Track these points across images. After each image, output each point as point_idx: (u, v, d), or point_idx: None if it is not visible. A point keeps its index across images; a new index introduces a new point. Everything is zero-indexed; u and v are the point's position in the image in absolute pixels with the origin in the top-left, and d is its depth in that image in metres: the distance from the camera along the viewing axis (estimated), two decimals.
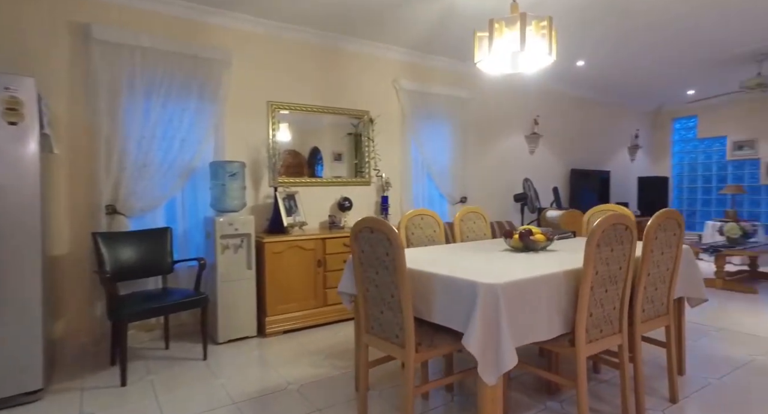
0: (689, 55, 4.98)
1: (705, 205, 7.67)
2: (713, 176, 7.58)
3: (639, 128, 7.70)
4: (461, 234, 3.16)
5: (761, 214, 7.00)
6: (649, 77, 5.94)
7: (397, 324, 1.92)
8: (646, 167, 8.00)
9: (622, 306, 2.01)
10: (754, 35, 4.39)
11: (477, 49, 2.68)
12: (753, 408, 2.25)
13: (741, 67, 5.34)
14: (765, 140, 6.89)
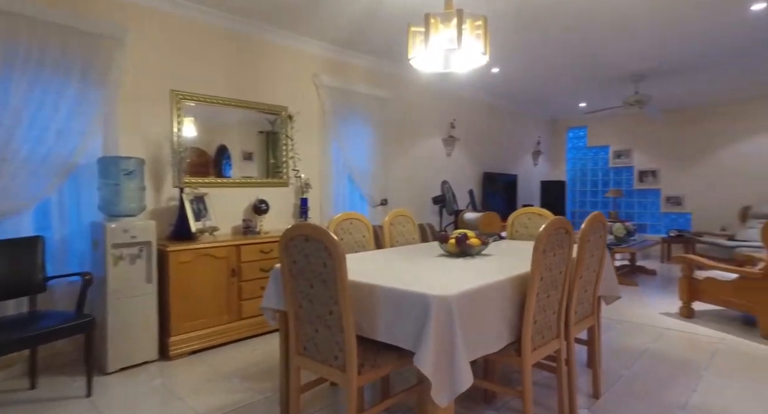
0: (584, 72, 5.44)
1: (593, 206, 8.52)
2: (599, 181, 8.45)
3: (540, 135, 8.31)
4: (391, 238, 3.02)
5: (635, 215, 7.95)
6: (551, 89, 6.40)
7: (336, 344, 1.70)
8: (546, 172, 8.66)
9: (560, 310, 2.02)
10: (633, 59, 4.92)
11: (411, 45, 2.55)
12: (662, 392, 2.42)
13: (622, 86, 5.96)
14: (637, 150, 7.85)
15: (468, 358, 1.53)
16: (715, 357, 2.99)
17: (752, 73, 5.64)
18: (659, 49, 4.68)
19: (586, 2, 3.51)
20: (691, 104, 7.16)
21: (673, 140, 7.45)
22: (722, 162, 6.98)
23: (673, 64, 5.15)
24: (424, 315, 1.53)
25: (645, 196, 7.87)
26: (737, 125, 6.80)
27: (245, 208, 3.85)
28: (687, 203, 7.34)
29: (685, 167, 7.36)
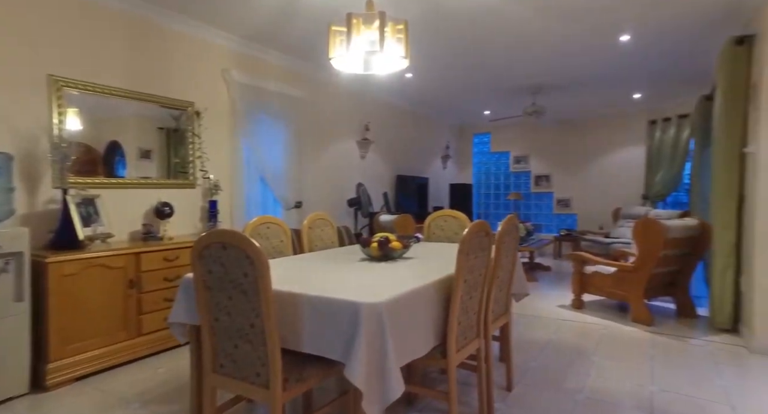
0: (489, 83, 5.82)
1: (496, 208, 9.15)
2: (501, 184, 9.10)
3: (449, 140, 8.72)
4: (310, 243, 2.92)
5: (532, 216, 8.70)
6: (460, 97, 6.74)
7: (258, 359, 1.58)
8: (455, 175, 9.10)
9: (480, 310, 2.10)
10: (531, 73, 5.38)
11: (332, 45, 2.49)
12: (564, 379, 2.65)
13: (521, 97, 6.49)
14: (534, 157, 8.61)
15: (399, 365, 1.51)
16: (601, 342, 3.35)
17: (622, 93, 6.48)
18: (552, 66, 5.16)
19: (492, 19, 3.74)
20: (577, 117, 8.02)
21: (562, 148, 8.29)
22: (600, 168, 7.92)
23: (563, 80, 5.72)
24: (354, 323, 1.48)
25: (540, 199, 8.64)
26: (611, 137, 7.77)
27: (145, 212, 3.47)
28: (574, 205, 8.20)
29: (572, 172, 8.22)
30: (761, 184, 3.14)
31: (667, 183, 7.03)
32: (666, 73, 5.45)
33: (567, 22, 3.87)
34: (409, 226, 5.10)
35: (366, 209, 5.79)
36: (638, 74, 5.51)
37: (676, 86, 6.07)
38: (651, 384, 2.63)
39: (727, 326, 3.59)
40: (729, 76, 3.54)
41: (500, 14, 3.67)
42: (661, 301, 4.49)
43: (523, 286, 2.84)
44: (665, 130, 7.02)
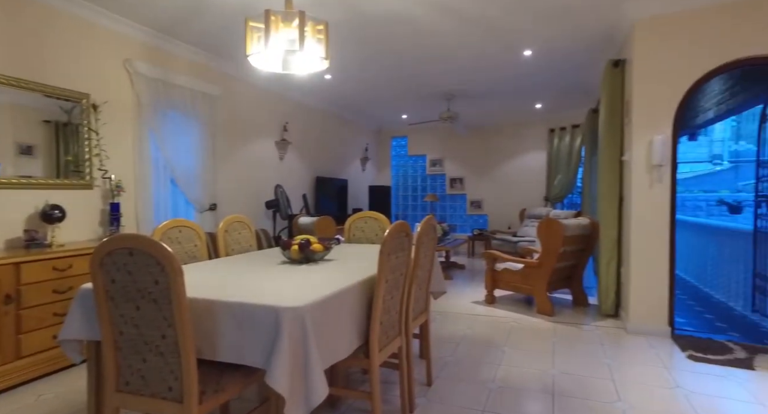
0: (406, 88, 6.01)
1: (414, 210, 9.44)
2: (418, 186, 9.41)
3: (368, 143, 8.82)
4: (226, 247, 2.79)
5: (447, 217, 9.12)
6: (378, 100, 6.86)
7: (170, 372, 1.48)
8: (374, 177, 9.23)
9: (401, 309, 2.16)
10: (447, 81, 5.67)
11: (249, 41, 2.41)
12: (478, 370, 2.81)
13: (437, 102, 6.79)
14: (449, 160, 9.03)
15: (322, 368, 1.50)
16: (511, 334, 3.62)
17: (526, 103, 7.06)
18: (466, 76, 5.47)
19: (410, 29, 3.87)
20: (487, 123, 8.57)
21: (474, 152, 8.80)
22: (508, 172, 8.54)
23: (475, 88, 6.08)
24: (275, 329, 1.44)
25: (455, 200, 9.08)
26: (517, 143, 8.41)
27: (29, 216, 3.05)
28: (485, 206, 8.74)
29: (484, 176, 8.76)
30: (634, 188, 3.60)
31: (564, 186, 7.78)
32: (562, 86, 6.04)
33: (480, 36, 4.12)
34: (329, 228, 5.08)
35: (285, 211, 5.66)
36: (539, 87, 6.04)
37: (571, 99, 6.75)
38: (552, 368, 2.90)
39: (612, 312, 4.07)
40: (609, 94, 4.02)
41: (418, 24, 3.81)
42: (561, 293, 4.96)
43: (441, 284, 2.96)
44: (562, 138, 7.77)
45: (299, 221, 5.33)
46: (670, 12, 3.43)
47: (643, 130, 3.55)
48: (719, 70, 3.38)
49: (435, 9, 3.53)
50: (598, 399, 2.46)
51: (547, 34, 4.09)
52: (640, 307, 3.59)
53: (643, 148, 3.55)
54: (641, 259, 3.58)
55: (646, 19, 3.50)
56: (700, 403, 2.41)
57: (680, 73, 3.43)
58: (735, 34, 3.28)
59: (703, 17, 3.35)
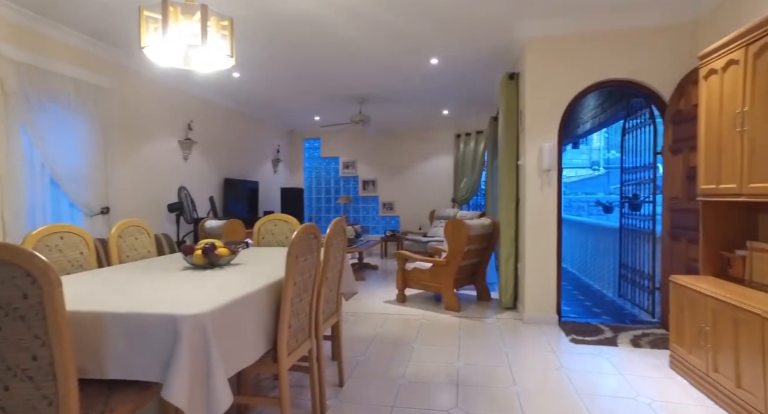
0: (318, 89, 5.99)
1: (327, 212, 9.41)
2: (332, 188, 9.40)
3: (280, 144, 8.61)
4: (120, 254, 2.55)
5: (360, 218, 9.24)
6: (289, 101, 6.74)
7: (42, 398, 1.31)
8: (287, 179, 9.03)
9: (311, 312, 2.14)
10: (358, 84, 5.76)
11: (144, 31, 2.23)
12: (389, 368, 2.89)
13: (349, 105, 6.85)
14: (362, 162, 9.15)
15: (226, 376, 1.44)
16: (420, 331, 3.77)
17: (434, 109, 7.41)
18: (376, 80, 5.60)
19: (321, 31, 3.87)
20: (398, 127, 8.83)
21: (386, 155, 9.01)
22: (418, 175, 8.88)
23: (386, 92, 6.24)
24: (173, 339, 1.36)
25: (367, 202, 9.21)
26: (427, 147, 8.78)
27: None
28: (397, 208, 8.99)
29: (395, 178, 9.01)
30: (528, 190, 3.97)
31: (470, 188, 8.28)
32: (466, 95, 6.44)
33: (390, 42, 4.25)
34: (238, 231, 4.87)
35: (189, 215, 5.31)
36: (446, 94, 6.37)
37: (475, 107, 7.22)
38: (458, 360, 3.07)
39: (510, 305, 4.42)
40: (506, 103, 4.39)
41: (328, 26, 3.82)
42: (467, 289, 5.27)
43: (352, 285, 3.00)
44: (467, 143, 8.27)
45: (206, 225, 5.04)
46: (553, 35, 3.83)
47: (534, 137, 3.92)
48: (591, 88, 3.86)
49: (344, 13, 3.57)
50: (496, 385, 2.67)
51: (452, 44, 4.34)
52: (534, 299, 3.95)
53: (535, 154, 3.92)
54: (534, 255, 3.95)
55: (535, 39, 3.88)
56: (577, 379, 2.73)
57: (563, 88, 3.85)
58: (601, 59, 3.77)
59: (579, 43, 3.79)
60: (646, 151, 4.18)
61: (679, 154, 3.50)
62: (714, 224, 2.78)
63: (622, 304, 4.78)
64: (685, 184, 3.39)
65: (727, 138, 2.50)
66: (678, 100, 3.52)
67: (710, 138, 2.69)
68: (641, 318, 4.13)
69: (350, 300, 4.78)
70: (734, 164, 2.44)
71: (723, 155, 2.55)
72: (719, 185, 2.58)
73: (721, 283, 2.56)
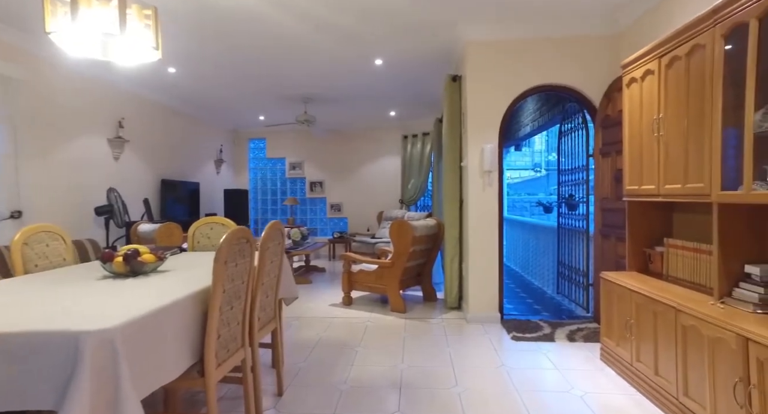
0: (261, 88, 5.81)
1: (273, 214, 9.16)
2: (278, 190, 9.17)
3: (223, 144, 8.27)
4: (25, 263, 2.30)
5: (308, 220, 9.07)
6: (231, 99, 6.49)
7: None
8: (230, 180, 8.68)
9: (244, 320, 2.03)
10: (302, 83, 5.65)
11: (49, 15, 2.02)
12: (331, 374, 2.82)
13: (294, 105, 6.70)
14: (309, 163, 9.00)
15: (140, 397, 1.32)
16: (365, 334, 3.73)
17: (381, 110, 7.42)
18: (321, 79, 5.50)
19: (261, 27, 3.73)
20: (345, 127, 8.76)
21: (333, 156, 8.91)
22: (366, 176, 8.85)
23: (331, 92, 6.16)
24: (73, 358, 1.21)
25: (315, 204, 9.06)
26: (374, 148, 8.78)
27: None
28: (345, 209, 8.91)
29: (343, 179, 8.92)
30: (470, 191, 4.04)
31: (417, 189, 8.36)
32: (412, 96, 6.48)
33: (335, 42, 4.18)
34: (174, 235, 4.59)
35: (120, 218, 4.96)
36: (392, 95, 6.38)
37: (421, 108, 7.29)
38: (401, 362, 3.06)
39: (455, 304, 4.48)
40: (449, 105, 4.45)
41: (271, 24, 3.69)
42: (414, 290, 5.29)
43: (292, 290, 2.90)
44: (414, 144, 8.35)
45: (139, 229, 4.72)
46: (493, 39, 3.93)
47: (476, 139, 3.99)
48: (529, 92, 3.99)
49: (288, 11, 3.46)
50: (439, 386, 2.67)
51: (395, 46, 4.34)
52: (477, 299, 4.02)
53: (477, 155, 3.99)
54: (476, 255, 4.02)
55: (476, 43, 3.96)
56: (517, 376, 2.79)
57: (503, 91, 3.96)
58: (538, 64, 3.91)
59: (518, 48, 3.92)
60: (580, 153, 4.39)
61: (608, 157, 3.69)
62: (638, 223, 2.94)
63: (560, 300, 4.99)
64: (614, 185, 3.58)
65: (647, 142, 2.66)
66: (606, 106, 3.72)
67: (633, 142, 2.84)
68: (577, 313, 4.33)
69: (295, 304, 4.65)
70: (653, 167, 2.59)
71: (644, 158, 2.71)
72: (641, 186, 2.74)
73: (644, 279, 2.72)
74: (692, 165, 2.24)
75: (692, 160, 2.24)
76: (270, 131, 8.74)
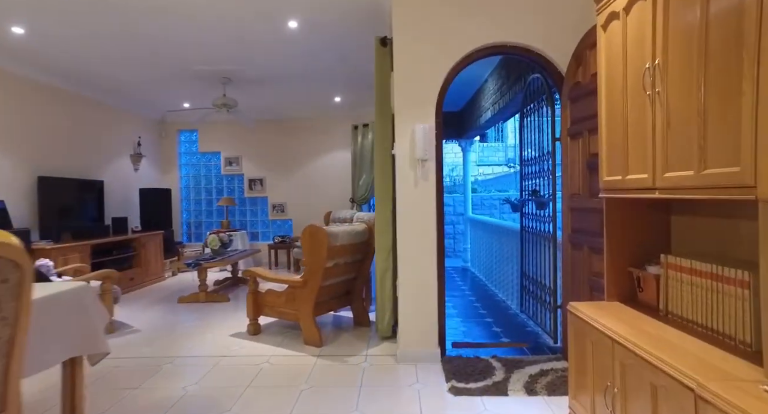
0: (159, 64, 4.69)
1: (208, 216, 8.01)
2: (213, 189, 8.02)
3: (141, 135, 7.08)
4: None
5: (247, 223, 7.96)
6: (139, 81, 5.36)
7: None
8: (155, 178, 7.50)
9: None
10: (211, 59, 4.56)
11: None
12: None
13: (214, 87, 5.56)
14: (247, 158, 7.88)
15: None
16: (253, 383, 2.70)
17: (323, 95, 6.35)
18: (231, 53, 4.43)
19: None
20: (285, 116, 7.65)
21: (275, 150, 7.80)
22: (312, 172, 7.78)
23: (252, 71, 5.09)
24: None
25: (255, 204, 7.95)
26: (321, 140, 7.70)
27: None
28: (289, 210, 7.84)
29: (287, 176, 7.84)
30: (400, 187, 3.05)
31: (368, 186, 7.33)
32: (352, 76, 5.46)
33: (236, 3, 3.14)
34: None
35: None
36: (325, 74, 5.34)
37: (370, 92, 6.26)
38: None
39: (389, 333, 3.48)
40: (379, 77, 3.45)
41: None
42: (346, 310, 4.27)
43: (96, 344, 1.85)
44: (365, 135, 7.32)
45: None
46: None
47: (406, 118, 3.00)
48: (475, 55, 3.02)
49: None
50: None
51: (307, 3, 3.32)
52: (411, 330, 3.04)
53: (407, 139, 3.00)
54: (409, 271, 3.04)
55: None
56: None
57: (441, 55, 2.98)
58: (486, 19, 2.95)
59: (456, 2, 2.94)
60: (545, 138, 3.45)
61: (578, 138, 2.75)
62: (620, 230, 1.99)
63: (525, 320, 4.07)
64: (586, 176, 2.64)
65: (635, 106, 1.70)
66: (575, 70, 2.77)
67: (613, 109, 1.89)
68: (543, 341, 3.40)
69: (182, 338, 3.60)
70: (644, 145, 1.64)
71: (630, 133, 1.75)
72: (626, 176, 1.78)
73: (631, 317, 1.77)
74: (716, 138, 1.29)
75: (716, 130, 1.29)
76: (202, 122, 7.55)
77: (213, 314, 4.32)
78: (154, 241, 6.19)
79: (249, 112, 6.83)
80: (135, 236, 5.81)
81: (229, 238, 5.39)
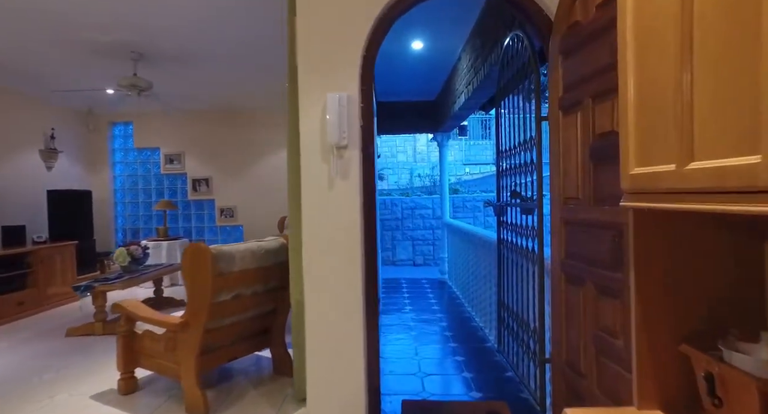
0: (45, 35, 3.64)
1: (146, 222, 6.94)
2: (153, 190, 6.95)
3: (56, 127, 5.98)
4: None
5: (192, 229, 6.90)
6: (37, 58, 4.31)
7: None
8: (79, 178, 6.41)
9: None
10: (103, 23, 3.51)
11: None
12: None
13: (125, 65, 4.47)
14: (190, 155, 6.81)
15: None
16: None
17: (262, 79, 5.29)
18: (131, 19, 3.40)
19: None
20: (233, 107, 6.60)
21: (222, 146, 6.75)
22: (266, 172, 6.74)
23: (166, 45, 4.05)
24: None
25: (201, 208, 6.89)
26: (273, 134, 6.63)
27: None
28: (239, 215, 6.79)
29: (236, 176, 6.80)
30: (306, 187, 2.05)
31: None
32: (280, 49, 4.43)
33: None
34: None
35: None
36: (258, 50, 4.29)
37: None
38: None
39: (306, 394, 2.48)
40: (291, 36, 2.44)
41: None
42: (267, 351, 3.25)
43: None
44: None
45: None
46: None
47: (314, 85, 2.00)
48: None
49: None
50: None
51: None
52: (323, 395, 2.04)
53: (315, 118, 2.00)
54: (321, 324, 2.04)
55: None
56: None
57: None
58: None
59: None
60: (529, 118, 2.48)
61: (575, 111, 1.76)
62: (664, 268, 1.02)
63: (503, 365, 3.09)
64: (589, 169, 1.65)
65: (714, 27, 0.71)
66: (571, 6, 1.78)
67: (652, 38, 0.89)
68: (526, 397, 2.43)
69: (19, 401, 2.55)
70: (741, 101, 0.64)
71: (703, 79, 0.76)
72: (685, 166, 0.79)
73: None
74: None
75: None
76: (138, 113, 6.49)
77: (97, 357, 3.28)
78: (63, 254, 5.12)
79: (178, 100, 5.77)
80: (33, 249, 4.75)
81: (144, 251, 4.34)
